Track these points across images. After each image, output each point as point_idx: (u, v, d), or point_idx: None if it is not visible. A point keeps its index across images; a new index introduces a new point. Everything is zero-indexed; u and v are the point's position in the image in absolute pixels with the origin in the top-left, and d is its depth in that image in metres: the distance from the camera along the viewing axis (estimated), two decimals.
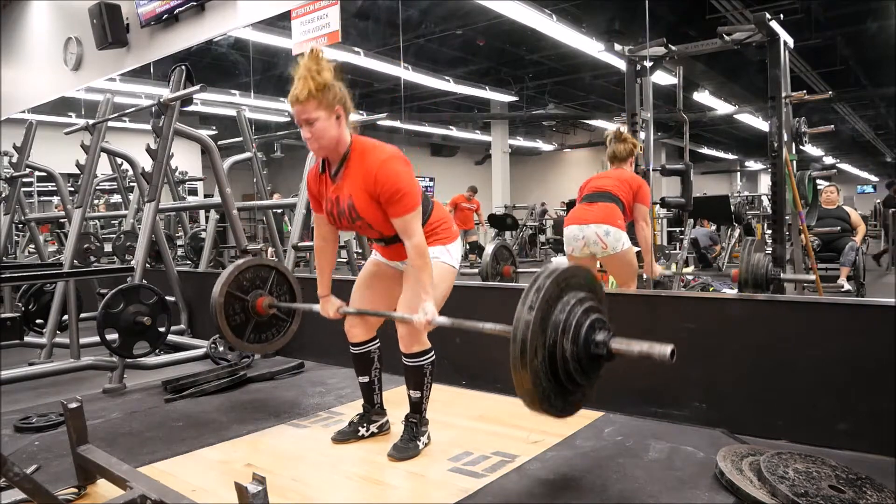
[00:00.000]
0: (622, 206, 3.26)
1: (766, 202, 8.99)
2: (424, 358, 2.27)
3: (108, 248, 5.61)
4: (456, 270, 2.31)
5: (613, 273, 3.41)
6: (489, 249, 4.46)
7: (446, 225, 2.30)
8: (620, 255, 3.20)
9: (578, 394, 1.81)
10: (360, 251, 4.56)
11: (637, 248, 3.37)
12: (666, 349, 1.59)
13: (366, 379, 2.45)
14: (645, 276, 3.52)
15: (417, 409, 2.33)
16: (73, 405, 1.95)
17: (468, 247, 9.21)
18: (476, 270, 4.57)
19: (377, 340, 2.43)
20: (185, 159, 7.01)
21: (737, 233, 8.66)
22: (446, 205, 9.57)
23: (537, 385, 1.65)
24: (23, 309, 4.33)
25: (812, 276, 3.69)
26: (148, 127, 3.87)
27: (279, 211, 7.38)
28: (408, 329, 2.20)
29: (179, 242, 6.54)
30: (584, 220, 3.27)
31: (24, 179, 4.85)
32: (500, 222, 10.64)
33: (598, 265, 3.40)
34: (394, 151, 2.09)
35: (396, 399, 2.56)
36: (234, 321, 2.70)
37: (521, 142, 14.88)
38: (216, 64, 6.19)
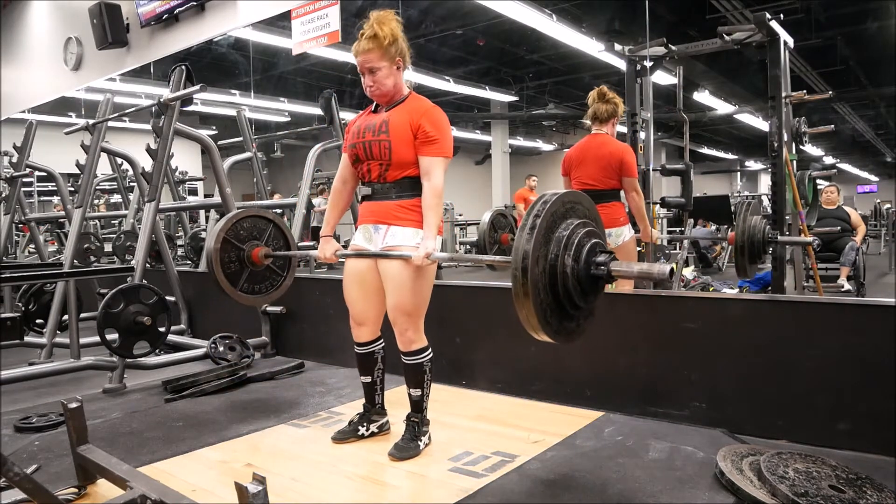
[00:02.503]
0: (615, 193, 3.21)
1: (766, 202, 8.99)
2: (423, 355, 2.28)
3: (108, 248, 5.61)
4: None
5: None
6: (486, 218, 4.33)
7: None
8: (622, 246, 3.20)
9: (574, 322, 1.79)
10: None
11: (637, 236, 3.38)
12: (665, 268, 1.60)
13: (368, 379, 2.45)
14: (642, 244, 3.53)
15: (418, 408, 2.34)
16: (73, 405, 1.95)
17: None
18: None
19: (381, 340, 2.44)
20: (185, 159, 7.01)
21: None
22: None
23: (535, 297, 1.62)
24: (23, 309, 4.33)
25: (809, 238, 3.63)
26: (148, 127, 3.88)
27: (279, 211, 7.39)
28: (405, 327, 2.22)
29: (179, 242, 6.54)
30: None
31: (24, 179, 4.85)
32: None
33: None
34: (440, 109, 2.23)
35: (396, 399, 2.56)
36: (228, 269, 2.67)
37: (521, 142, 14.87)
38: (216, 64, 6.19)
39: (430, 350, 2.31)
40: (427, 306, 2.28)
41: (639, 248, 3.65)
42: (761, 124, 10.05)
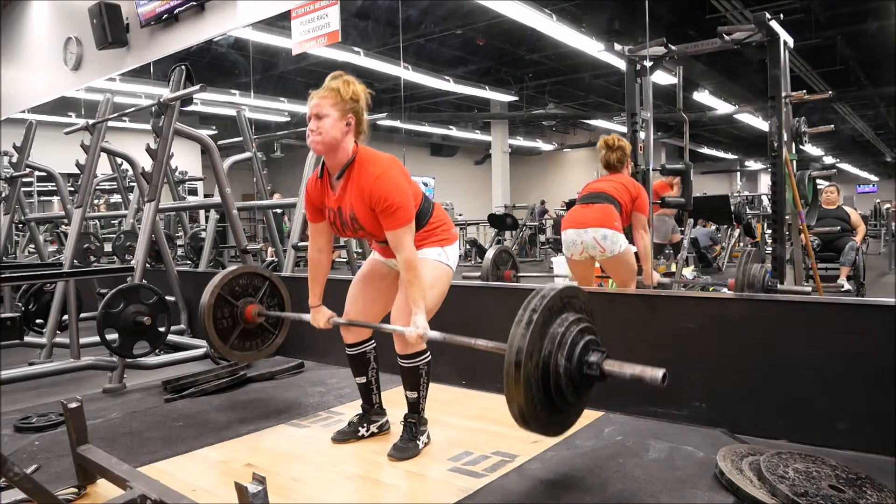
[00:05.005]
0: (619, 208, 3.24)
1: (766, 202, 8.99)
2: (420, 359, 2.27)
3: (108, 248, 5.60)
4: (452, 272, 2.32)
5: (613, 274, 3.41)
6: (489, 255, 4.45)
7: (446, 227, 2.32)
8: (618, 256, 3.20)
9: (565, 414, 1.82)
10: (359, 251, 4.57)
11: (635, 250, 3.37)
12: (657, 373, 1.61)
13: (363, 380, 2.45)
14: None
15: (415, 409, 2.34)
16: (73, 405, 1.95)
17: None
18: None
19: (372, 341, 2.44)
20: (185, 159, 7.01)
21: (737, 233, 8.66)
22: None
23: (528, 392, 1.65)
24: (23, 309, 4.33)
25: (808, 288, 3.67)
26: (148, 127, 3.88)
27: (279, 211, 7.39)
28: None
29: (179, 242, 6.54)
30: (582, 223, 3.25)
31: (24, 179, 4.85)
32: (500, 222, 10.63)
33: (595, 264, 3.40)
34: (389, 164, 2.12)
35: (396, 399, 2.56)
36: (220, 325, 2.69)
37: (521, 142, 14.88)
38: (216, 64, 6.19)
39: (427, 353, 2.30)
40: (432, 315, 2.25)
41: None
42: (761, 124, 10.04)
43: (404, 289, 2.21)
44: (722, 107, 9.81)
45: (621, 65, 4.56)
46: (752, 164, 16.81)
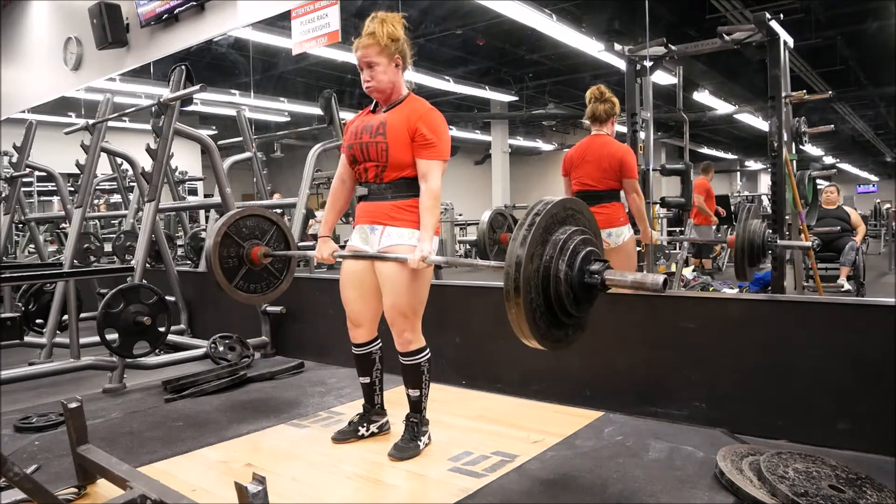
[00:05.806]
0: (614, 194, 3.22)
1: (766, 202, 8.99)
2: (421, 356, 2.28)
3: (108, 248, 5.61)
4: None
5: (613, 265, 3.41)
6: (485, 217, 4.30)
7: None
8: (621, 247, 3.22)
9: (563, 331, 1.76)
10: None
11: (637, 236, 3.38)
12: (658, 279, 1.58)
13: (367, 380, 2.45)
14: (642, 245, 3.54)
15: (417, 409, 2.34)
16: (73, 405, 1.95)
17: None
18: None
19: (379, 341, 2.44)
20: (185, 159, 7.01)
21: None
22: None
23: (527, 295, 1.59)
24: (23, 309, 4.33)
25: (808, 243, 3.67)
26: (148, 127, 3.87)
27: (279, 211, 7.39)
28: (403, 328, 2.23)
29: (179, 242, 6.54)
30: None
31: (24, 179, 4.85)
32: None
33: None
34: (439, 112, 2.25)
35: (397, 399, 2.56)
36: (226, 264, 2.66)
37: (521, 142, 14.86)
38: (216, 64, 6.19)
39: (427, 350, 2.31)
40: (424, 307, 2.28)
41: (638, 249, 3.65)
42: (761, 124, 10.04)
43: (386, 290, 2.22)
44: (722, 107, 9.80)
45: (621, 65, 4.56)
46: (752, 164, 16.81)
